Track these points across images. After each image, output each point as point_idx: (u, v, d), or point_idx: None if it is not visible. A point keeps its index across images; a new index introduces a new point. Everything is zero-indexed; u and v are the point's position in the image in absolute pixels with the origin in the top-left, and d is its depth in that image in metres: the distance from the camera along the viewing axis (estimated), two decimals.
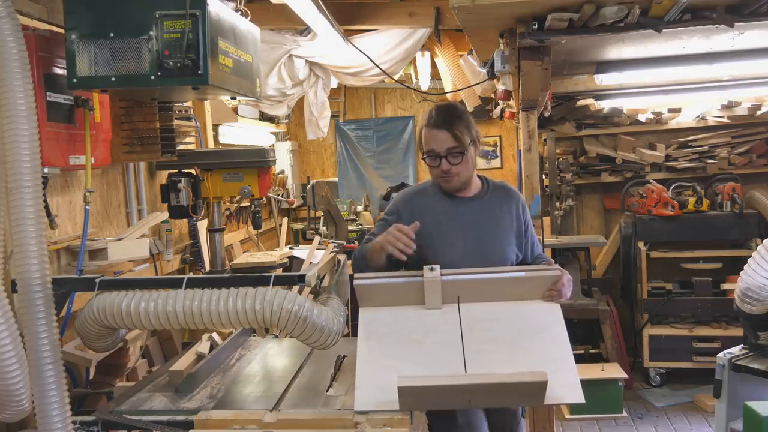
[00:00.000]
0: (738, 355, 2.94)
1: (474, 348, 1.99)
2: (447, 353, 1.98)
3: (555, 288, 2.13)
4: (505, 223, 2.39)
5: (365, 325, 2.11)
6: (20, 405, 1.81)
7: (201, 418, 1.91)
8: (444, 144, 2.26)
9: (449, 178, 2.31)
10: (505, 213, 2.40)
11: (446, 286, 2.10)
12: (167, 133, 2.67)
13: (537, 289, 2.14)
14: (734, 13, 2.51)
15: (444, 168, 2.28)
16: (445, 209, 2.36)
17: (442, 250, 2.30)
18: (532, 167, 3.27)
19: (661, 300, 4.85)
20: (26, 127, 1.75)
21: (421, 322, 2.09)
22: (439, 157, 2.28)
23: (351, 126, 6.69)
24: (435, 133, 2.26)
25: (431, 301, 2.11)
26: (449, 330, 2.05)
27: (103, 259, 2.76)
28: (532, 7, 2.48)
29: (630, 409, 4.42)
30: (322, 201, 5.14)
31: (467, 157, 2.29)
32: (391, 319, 2.10)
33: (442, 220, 2.35)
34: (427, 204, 2.38)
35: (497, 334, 2.03)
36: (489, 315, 2.09)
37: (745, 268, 2.75)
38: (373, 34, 4.39)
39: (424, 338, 2.05)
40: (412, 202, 2.42)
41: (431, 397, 1.84)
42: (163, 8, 2.02)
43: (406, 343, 2.03)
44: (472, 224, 2.35)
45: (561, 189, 5.25)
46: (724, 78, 4.44)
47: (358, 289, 2.12)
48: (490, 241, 2.34)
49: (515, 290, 2.13)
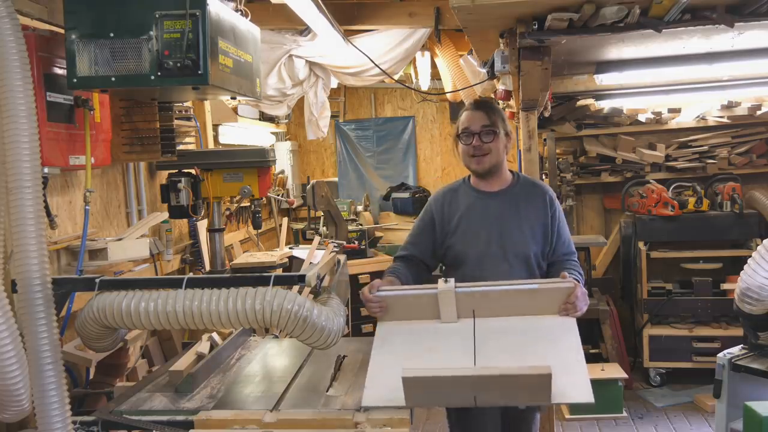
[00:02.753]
0: (738, 355, 2.94)
1: (485, 354, 2.01)
2: (458, 359, 2.00)
3: (569, 301, 2.13)
4: (529, 217, 2.46)
5: (381, 336, 2.16)
6: (20, 405, 1.81)
7: (201, 418, 1.91)
8: (479, 122, 2.45)
9: (481, 158, 2.45)
10: (530, 207, 2.48)
11: (460, 298, 2.13)
12: (167, 133, 2.67)
13: (551, 302, 2.14)
14: (734, 13, 2.51)
15: (475, 144, 2.44)
16: (472, 203, 2.49)
17: (467, 241, 2.44)
18: (532, 167, 3.27)
19: (661, 300, 4.85)
20: (26, 127, 1.75)
21: (436, 333, 2.12)
22: (473, 135, 2.45)
23: (351, 126, 6.69)
24: (472, 113, 2.48)
25: (446, 314, 2.15)
26: (463, 342, 2.07)
27: (103, 259, 2.76)
28: (532, 7, 2.48)
29: (630, 409, 4.42)
30: (322, 201, 5.14)
31: (498, 139, 2.46)
32: (406, 331, 2.15)
33: (469, 214, 2.47)
34: (456, 199, 2.53)
35: (510, 344, 2.05)
36: (503, 328, 2.11)
37: (745, 268, 2.75)
38: (373, 34, 4.39)
39: (437, 347, 2.07)
40: (443, 199, 2.56)
41: (436, 391, 1.85)
42: (163, 8, 2.02)
43: (419, 351, 2.07)
44: (496, 217, 2.45)
45: (561, 189, 5.25)
46: (724, 78, 4.43)
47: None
48: (512, 233, 2.43)
49: (529, 302, 2.14)
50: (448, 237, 2.48)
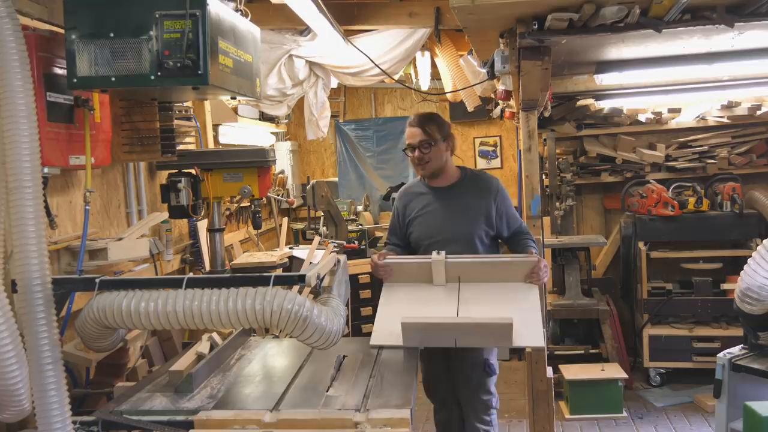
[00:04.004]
0: (738, 355, 2.94)
1: (465, 309, 2.58)
2: (445, 312, 2.57)
3: (534, 272, 2.69)
4: (472, 206, 2.97)
5: (386, 294, 2.76)
6: (20, 405, 1.81)
7: (201, 418, 1.91)
8: (417, 138, 2.95)
9: (423, 165, 2.98)
10: (474, 198, 2.98)
11: (449, 266, 2.69)
12: (167, 133, 2.67)
13: (519, 272, 2.70)
14: (734, 13, 2.50)
15: (417, 156, 2.96)
16: (427, 198, 3.04)
17: (422, 229, 3.01)
18: (532, 167, 3.27)
19: (661, 300, 4.85)
20: (26, 127, 1.75)
21: (429, 293, 2.70)
22: (414, 148, 2.96)
23: (351, 126, 6.69)
24: (412, 130, 2.97)
25: (437, 279, 2.72)
26: (449, 300, 2.64)
27: (103, 259, 2.75)
28: (532, 7, 2.48)
29: (630, 409, 4.42)
30: (322, 201, 5.14)
31: (436, 149, 2.96)
32: (406, 291, 2.74)
33: (425, 207, 3.02)
34: (415, 195, 3.09)
35: (485, 302, 2.60)
36: (481, 290, 2.67)
37: (745, 268, 2.75)
38: (373, 34, 4.39)
39: (429, 303, 2.64)
40: (404, 197, 3.14)
41: (426, 334, 2.43)
42: (163, 8, 2.02)
43: (415, 306, 2.63)
44: (446, 209, 2.98)
45: (561, 189, 5.25)
46: (724, 78, 4.44)
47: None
48: (457, 220, 2.95)
49: (503, 272, 2.70)
50: (408, 227, 3.06)
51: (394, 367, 2.35)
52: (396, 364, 2.40)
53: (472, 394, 2.96)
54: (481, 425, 2.97)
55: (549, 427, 3.25)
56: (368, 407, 1.94)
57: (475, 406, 2.97)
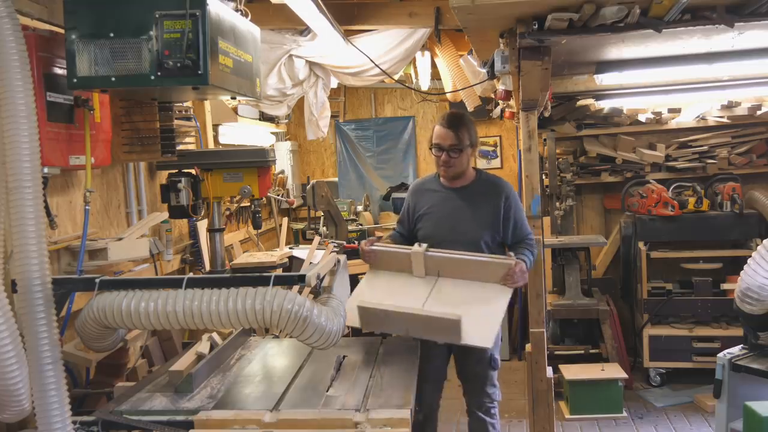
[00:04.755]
0: (738, 355, 2.93)
1: (431, 303, 2.62)
2: (410, 303, 2.59)
3: (508, 274, 2.68)
4: (482, 210, 2.97)
5: (368, 279, 2.85)
6: (20, 405, 1.82)
7: (201, 418, 1.91)
8: (448, 140, 2.93)
9: (447, 169, 2.99)
10: (485, 202, 2.98)
11: (428, 259, 2.75)
12: (167, 133, 2.67)
13: (496, 273, 2.71)
14: (734, 13, 2.50)
15: (444, 159, 2.95)
16: (438, 196, 3.06)
17: (430, 228, 3.03)
18: (532, 167, 3.27)
19: (661, 300, 4.85)
20: (26, 127, 1.75)
21: (405, 282, 2.77)
22: (443, 150, 2.94)
23: (351, 126, 6.69)
24: (445, 131, 2.94)
25: (416, 270, 2.78)
26: (421, 291, 2.70)
27: (103, 259, 2.75)
28: (532, 7, 2.48)
29: (630, 409, 4.42)
30: (322, 201, 5.14)
31: (464, 155, 2.96)
32: (387, 278, 2.82)
33: (435, 204, 3.05)
34: (427, 191, 3.11)
35: (454, 299, 2.64)
36: (455, 286, 2.72)
37: (745, 268, 2.75)
38: (373, 34, 4.39)
39: (401, 292, 2.70)
40: (417, 191, 3.17)
41: (379, 320, 2.51)
42: (163, 8, 2.02)
43: (388, 293, 2.69)
44: (454, 209, 3.00)
45: (561, 189, 5.25)
46: (724, 78, 4.43)
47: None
48: (465, 223, 2.96)
49: (479, 271, 2.72)
50: (417, 222, 3.08)
51: (394, 367, 2.35)
52: (396, 364, 2.40)
53: (480, 388, 3.00)
54: (488, 417, 3.03)
55: (549, 427, 3.25)
56: (368, 407, 1.94)
57: (481, 400, 3.02)
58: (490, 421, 3.03)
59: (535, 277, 3.21)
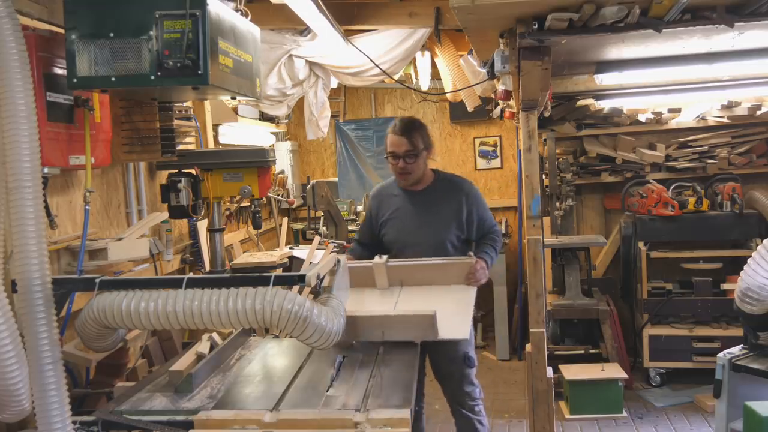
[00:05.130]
0: (738, 355, 2.93)
1: (401, 307, 2.67)
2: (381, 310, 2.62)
3: (471, 272, 2.77)
4: (445, 210, 3.03)
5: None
6: (20, 405, 1.81)
7: (201, 418, 1.91)
8: (403, 147, 2.98)
9: (405, 175, 3.04)
10: (447, 201, 3.04)
11: (390, 269, 2.80)
12: (167, 133, 2.67)
13: (458, 273, 2.78)
14: (734, 13, 2.50)
15: (401, 166, 3.00)
16: (401, 200, 3.11)
17: (395, 232, 3.08)
18: (532, 167, 3.27)
19: (661, 300, 4.85)
20: (26, 127, 1.75)
21: (371, 295, 2.82)
22: (398, 158, 3.00)
23: (351, 126, 6.69)
24: (398, 138, 2.99)
25: (380, 282, 2.84)
26: (389, 300, 2.75)
27: (103, 259, 2.75)
28: (532, 7, 2.47)
29: (630, 409, 4.42)
30: (322, 201, 5.15)
31: (420, 160, 3.01)
32: (351, 294, 2.72)
33: (398, 209, 3.09)
34: (388, 197, 3.16)
35: (420, 300, 2.69)
36: (420, 291, 2.77)
37: (745, 268, 2.75)
38: (373, 34, 4.39)
39: (369, 302, 2.75)
40: (378, 196, 3.21)
41: (353, 327, 2.37)
42: (163, 8, 2.02)
43: (356, 306, 2.61)
44: (418, 211, 3.05)
45: (561, 189, 5.25)
46: (724, 78, 4.43)
47: None
48: (430, 225, 3.02)
49: (442, 274, 2.78)
50: (382, 228, 3.11)
51: (394, 367, 2.35)
52: (396, 364, 2.40)
53: (458, 387, 3.05)
54: (473, 415, 3.08)
55: (549, 427, 3.25)
56: (368, 407, 1.94)
57: (462, 399, 3.07)
58: (477, 418, 3.08)
59: (535, 277, 3.21)
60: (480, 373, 5.37)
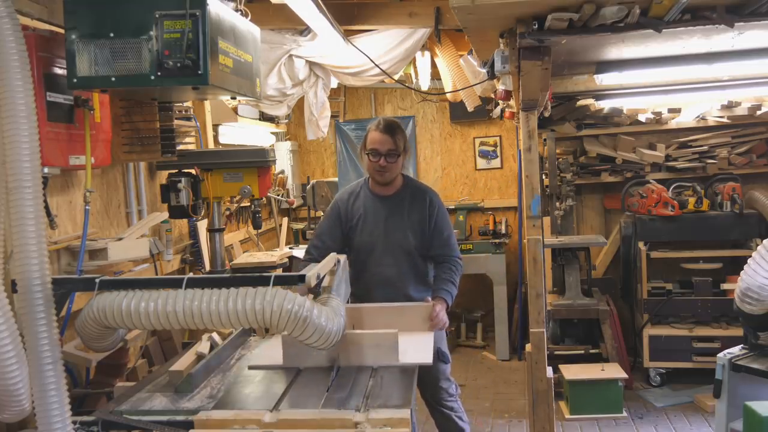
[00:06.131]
0: (738, 355, 2.93)
1: None
2: None
3: (431, 317, 2.75)
4: (411, 217, 3.07)
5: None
6: (20, 405, 1.81)
7: (201, 418, 1.91)
8: (386, 146, 2.99)
9: (383, 174, 3.03)
10: (413, 209, 3.08)
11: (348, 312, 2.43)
12: (167, 133, 2.67)
13: (418, 317, 2.77)
14: (734, 13, 2.50)
15: (382, 164, 3.00)
16: (368, 205, 3.11)
17: (364, 237, 3.08)
18: (532, 167, 3.27)
19: (661, 300, 4.85)
20: (26, 127, 1.75)
21: None
22: (380, 155, 3.00)
23: (351, 126, 6.69)
24: (382, 136, 3.00)
25: None
26: None
27: (103, 259, 2.75)
28: (532, 7, 2.47)
29: (630, 409, 4.42)
30: (322, 201, 5.15)
31: (399, 160, 3.04)
32: None
33: (366, 214, 3.09)
34: (357, 200, 3.14)
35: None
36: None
37: (745, 268, 2.75)
38: (373, 34, 4.39)
39: None
40: (347, 200, 3.16)
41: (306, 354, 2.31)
42: (163, 8, 2.02)
43: None
44: (385, 218, 3.07)
45: (561, 189, 5.25)
46: (724, 78, 4.43)
47: None
48: (396, 231, 3.05)
49: (401, 318, 2.72)
50: (350, 231, 3.10)
51: (394, 367, 2.35)
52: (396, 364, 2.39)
53: (434, 383, 3.09)
54: (451, 412, 3.14)
55: (549, 427, 3.25)
56: (368, 407, 1.94)
57: (439, 396, 3.12)
58: (456, 414, 3.14)
59: (535, 277, 3.21)
60: (480, 373, 5.40)
